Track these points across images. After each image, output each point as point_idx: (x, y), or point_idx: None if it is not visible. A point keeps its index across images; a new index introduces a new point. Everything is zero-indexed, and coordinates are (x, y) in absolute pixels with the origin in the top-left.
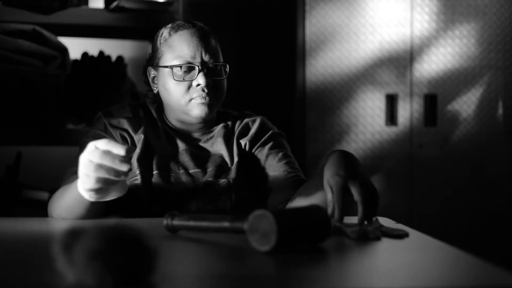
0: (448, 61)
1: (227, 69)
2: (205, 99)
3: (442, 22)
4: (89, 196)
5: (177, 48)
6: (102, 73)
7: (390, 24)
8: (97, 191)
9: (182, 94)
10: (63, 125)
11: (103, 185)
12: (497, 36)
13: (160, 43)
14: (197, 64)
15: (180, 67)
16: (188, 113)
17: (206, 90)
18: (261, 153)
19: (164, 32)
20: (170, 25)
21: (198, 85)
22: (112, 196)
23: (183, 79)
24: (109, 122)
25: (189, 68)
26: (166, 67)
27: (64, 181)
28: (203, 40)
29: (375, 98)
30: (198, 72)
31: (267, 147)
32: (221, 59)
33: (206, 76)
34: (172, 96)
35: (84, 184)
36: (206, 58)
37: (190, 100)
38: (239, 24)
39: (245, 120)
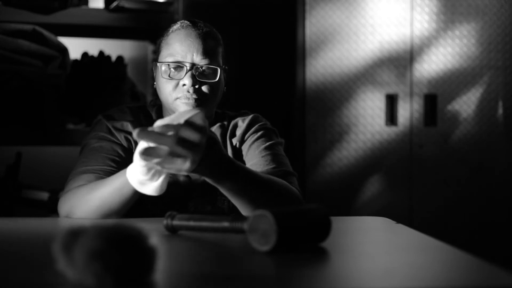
0: (448, 61)
1: (219, 73)
2: (189, 100)
3: (442, 22)
4: (139, 182)
5: (171, 46)
6: (102, 73)
7: (390, 24)
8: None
9: (169, 92)
10: (63, 125)
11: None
12: (497, 36)
13: (162, 40)
14: (186, 64)
15: (169, 64)
16: (175, 112)
17: (190, 91)
18: (246, 145)
19: (169, 29)
20: (178, 23)
21: (184, 85)
22: (154, 189)
23: (172, 77)
24: (113, 125)
25: (179, 67)
26: (160, 63)
27: (72, 183)
28: (199, 41)
29: (375, 98)
30: (186, 72)
31: (251, 139)
32: (217, 62)
33: (193, 77)
34: (161, 93)
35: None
36: (197, 59)
37: (176, 99)
38: (239, 24)
39: (237, 119)
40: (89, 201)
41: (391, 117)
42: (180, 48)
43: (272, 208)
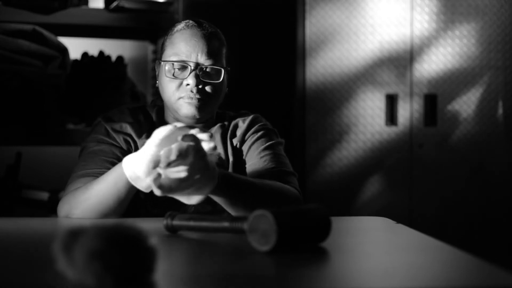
0: (448, 61)
1: (223, 74)
2: (192, 99)
3: (442, 22)
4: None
5: (176, 45)
6: (102, 73)
7: (390, 24)
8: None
9: (173, 92)
10: (63, 125)
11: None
12: (497, 36)
13: (166, 38)
14: (190, 63)
15: (173, 64)
16: (178, 111)
17: (194, 91)
18: (246, 145)
19: (173, 29)
20: (182, 22)
21: (188, 84)
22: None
23: (176, 76)
24: (111, 127)
25: (183, 67)
26: (164, 62)
27: (71, 187)
28: (203, 41)
29: (375, 98)
30: (190, 72)
31: (252, 139)
32: (221, 63)
33: (197, 77)
34: (164, 92)
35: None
36: (201, 59)
37: (179, 98)
38: (239, 24)
39: (237, 119)
40: (86, 200)
41: (391, 117)
42: (185, 47)
43: (272, 208)
